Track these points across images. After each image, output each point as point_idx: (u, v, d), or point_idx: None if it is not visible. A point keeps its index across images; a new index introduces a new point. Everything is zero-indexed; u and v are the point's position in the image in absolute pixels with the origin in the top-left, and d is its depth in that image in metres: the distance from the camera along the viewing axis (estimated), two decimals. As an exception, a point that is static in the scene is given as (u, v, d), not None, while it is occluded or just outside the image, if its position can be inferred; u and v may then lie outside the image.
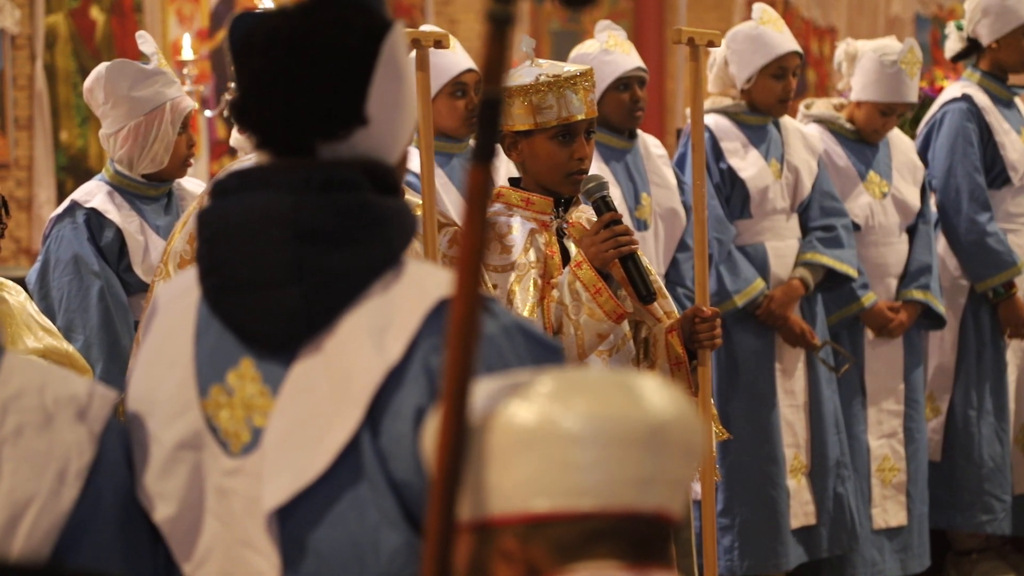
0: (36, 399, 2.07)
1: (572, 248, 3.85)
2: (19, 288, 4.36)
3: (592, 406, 1.61)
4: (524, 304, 3.75)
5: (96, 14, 9.73)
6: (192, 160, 4.95)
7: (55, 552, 2.04)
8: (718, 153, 5.85)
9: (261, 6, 7.21)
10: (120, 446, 2.13)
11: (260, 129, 2.16)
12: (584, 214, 3.93)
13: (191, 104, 4.91)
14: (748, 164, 5.88)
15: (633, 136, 5.74)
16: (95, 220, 4.78)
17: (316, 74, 2.12)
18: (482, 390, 1.66)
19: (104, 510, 2.08)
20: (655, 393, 1.64)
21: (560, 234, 3.88)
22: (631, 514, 1.60)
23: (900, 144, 6.28)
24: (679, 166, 6.01)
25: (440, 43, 4.12)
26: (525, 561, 1.60)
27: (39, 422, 2.06)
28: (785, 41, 5.80)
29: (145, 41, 4.92)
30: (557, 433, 1.60)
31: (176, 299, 2.23)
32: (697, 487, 4.66)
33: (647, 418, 1.62)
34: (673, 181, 5.80)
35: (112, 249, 4.78)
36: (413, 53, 4.16)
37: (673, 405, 1.64)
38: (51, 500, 2.04)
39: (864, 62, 6.03)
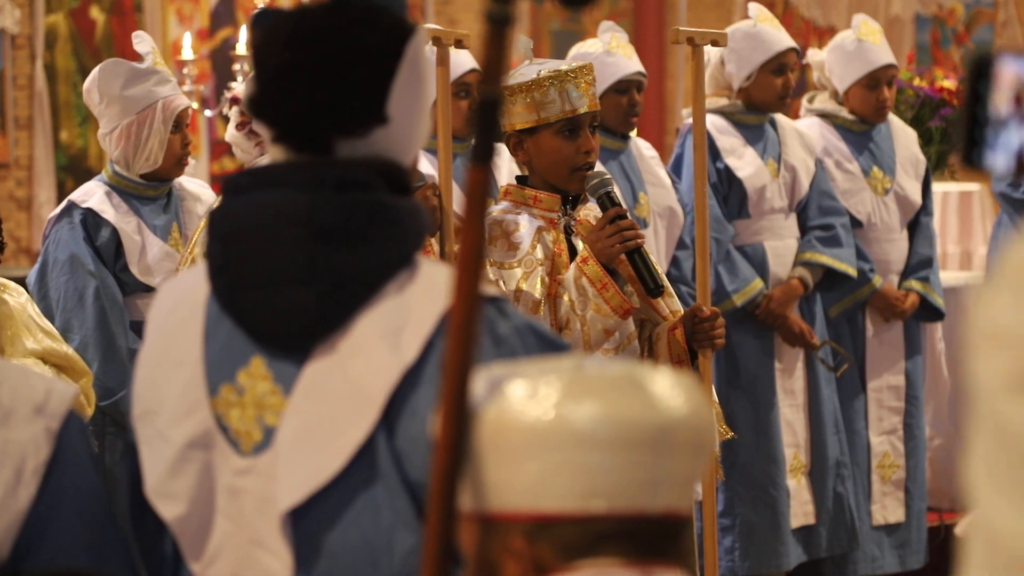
0: None
1: (580, 245, 3.85)
2: (20, 289, 4.37)
3: (603, 408, 1.60)
4: (534, 295, 3.75)
5: (96, 14, 9.73)
6: (188, 159, 4.94)
7: (16, 549, 2.04)
8: (715, 152, 5.86)
9: (261, 5, 7.21)
10: (81, 442, 2.11)
11: (279, 123, 2.15)
12: (591, 211, 3.93)
13: (184, 103, 4.90)
14: (745, 163, 5.89)
15: (626, 137, 5.76)
16: (91, 220, 4.78)
17: (340, 70, 2.12)
18: (490, 381, 1.66)
19: (65, 506, 2.07)
20: (667, 391, 1.63)
21: (568, 231, 3.88)
22: (640, 515, 1.60)
23: (903, 139, 6.28)
24: (676, 166, 6.03)
25: (461, 42, 4.13)
26: (532, 560, 1.60)
27: None
28: (783, 38, 5.84)
29: (141, 40, 4.93)
30: (567, 435, 1.59)
31: (181, 298, 2.22)
32: (698, 487, 4.66)
33: (658, 419, 1.61)
34: (667, 180, 5.81)
35: (108, 249, 4.79)
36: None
37: (685, 403, 1.63)
38: (8, 498, 2.03)
39: (830, 58, 6.10)
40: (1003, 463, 1.00)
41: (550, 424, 1.60)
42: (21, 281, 4.59)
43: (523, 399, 1.62)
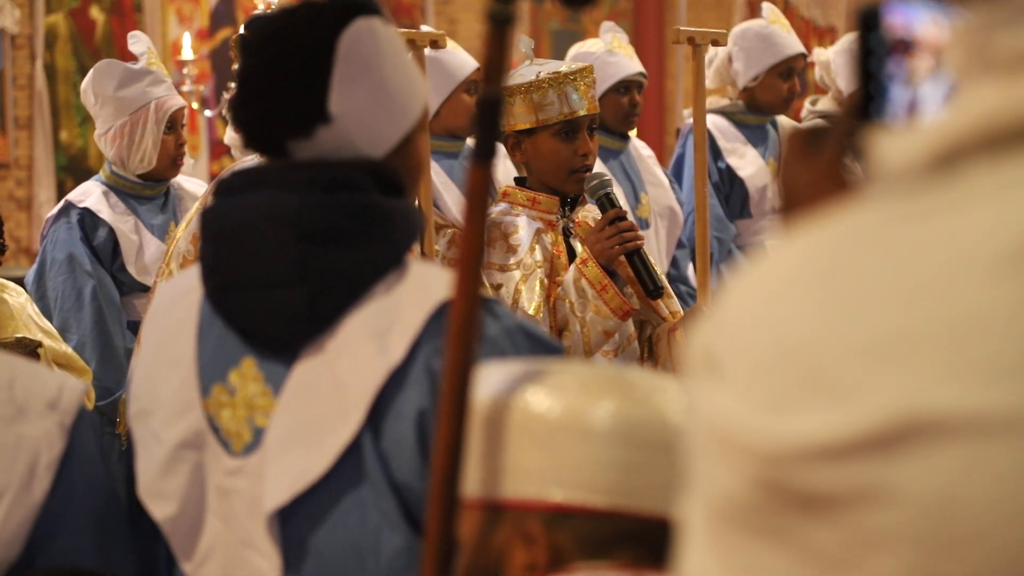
0: (5, 393, 2.07)
1: (578, 247, 3.85)
2: (20, 289, 4.37)
3: (628, 407, 1.60)
4: (530, 303, 3.74)
5: (96, 14, 9.72)
6: (183, 160, 4.94)
7: (29, 545, 2.05)
8: (716, 152, 5.87)
9: (260, 7, 7.21)
10: (92, 438, 2.12)
11: (241, 127, 2.17)
12: (590, 213, 3.92)
13: (178, 103, 4.90)
14: (746, 163, 5.90)
15: (626, 137, 5.77)
16: (88, 220, 4.79)
17: (280, 72, 2.12)
18: (515, 372, 1.66)
19: (77, 502, 2.08)
20: (685, 399, 1.63)
21: (566, 233, 3.87)
22: (657, 519, 1.59)
23: (903, 143, 6.28)
24: (677, 166, 6.04)
25: (436, 43, 4.13)
26: (549, 548, 1.59)
27: (9, 415, 2.05)
28: (794, 42, 5.85)
29: (137, 41, 4.93)
30: (590, 428, 1.59)
31: (177, 298, 2.23)
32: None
33: (676, 424, 1.61)
34: (665, 180, 5.83)
35: (105, 249, 4.79)
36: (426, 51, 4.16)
37: None
38: (22, 493, 2.03)
39: (837, 60, 6.09)
40: (704, 514, 0.99)
41: (565, 414, 1.60)
42: (20, 281, 4.59)
43: (542, 389, 1.61)
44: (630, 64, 5.63)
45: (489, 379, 1.65)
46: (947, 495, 0.88)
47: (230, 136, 4.63)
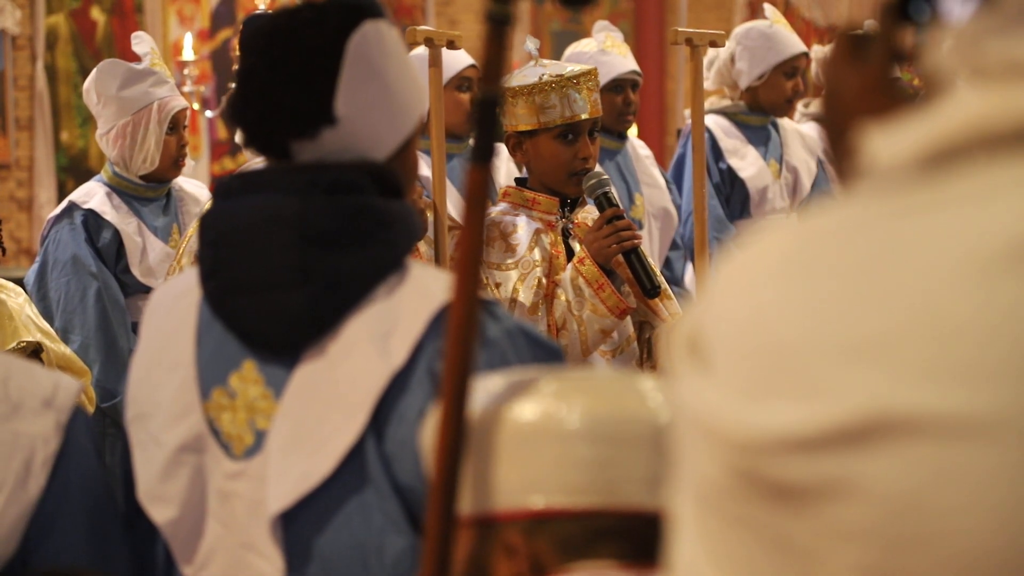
0: (0, 390, 2.07)
1: (577, 248, 3.85)
2: (19, 290, 4.37)
3: (594, 404, 1.60)
4: (528, 303, 3.74)
5: (97, 14, 9.72)
6: (184, 161, 4.94)
7: (25, 542, 2.05)
8: (718, 153, 5.87)
9: (261, 7, 7.21)
10: (87, 436, 2.12)
11: (242, 127, 2.17)
12: (590, 215, 3.92)
13: (180, 104, 4.89)
14: (747, 164, 5.90)
15: (623, 137, 5.77)
16: (93, 221, 4.78)
17: (285, 72, 2.12)
18: (486, 386, 1.66)
19: (72, 499, 2.08)
20: (659, 393, 1.63)
21: (566, 234, 3.87)
22: (638, 513, 1.59)
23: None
24: (678, 167, 6.04)
25: (452, 43, 4.13)
26: (529, 556, 1.59)
27: (3, 413, 2.05)
28: (798, 42, 5.87)
29: (140, 41, 4.92)
30: (558, 430, 1.59)
31: (175, 301, 2.22)
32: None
33: (651, 417, 1.60)
34: (662, 181, 5.83)
35: (110, 250, 4.78)
36: (419, 50, 4.16)
37: None
38: (18, 490, 2.04)
39: None
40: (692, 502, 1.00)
41: (540, 420, 1.59)
42: (20, 282, 4.58)
43: (517, 398, 1.61)
44: (623, 63, 5.64)
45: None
46: (916, 494, 0.89)
47: (241, 136, 4.63)
